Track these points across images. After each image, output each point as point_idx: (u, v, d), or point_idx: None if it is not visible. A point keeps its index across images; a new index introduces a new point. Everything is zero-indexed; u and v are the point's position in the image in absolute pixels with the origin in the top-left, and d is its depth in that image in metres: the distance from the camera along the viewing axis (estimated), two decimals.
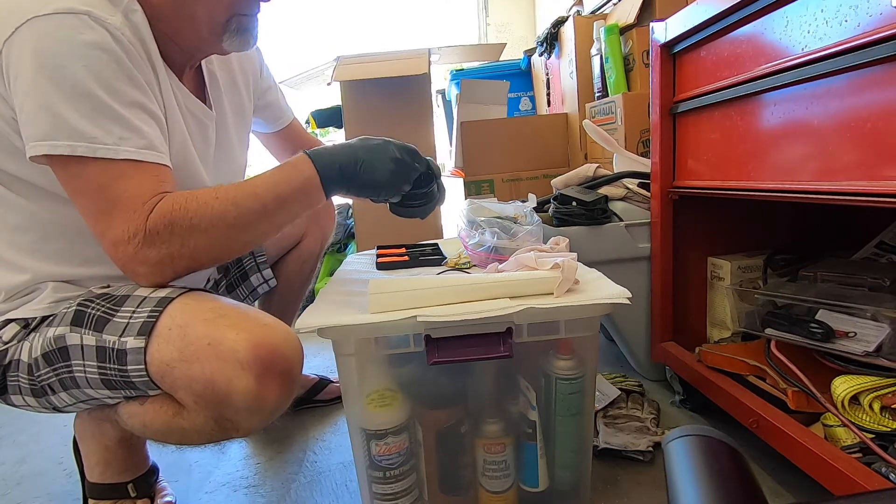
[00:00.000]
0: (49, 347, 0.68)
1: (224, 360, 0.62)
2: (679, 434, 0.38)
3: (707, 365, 0.95)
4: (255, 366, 0.62)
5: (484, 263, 0.89)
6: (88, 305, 0.68)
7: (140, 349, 0.64)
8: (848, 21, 0.61)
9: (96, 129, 0.62)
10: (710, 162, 0.91)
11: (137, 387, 0.66)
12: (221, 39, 0.75)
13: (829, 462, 0.66)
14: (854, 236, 1.07)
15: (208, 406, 0.64)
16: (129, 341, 0.64)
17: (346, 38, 3.48)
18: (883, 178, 0.58)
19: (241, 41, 0.76)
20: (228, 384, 0.62)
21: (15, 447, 1.15)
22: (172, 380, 0.64)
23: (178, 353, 0.63)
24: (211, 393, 0.63)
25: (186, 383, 0.63)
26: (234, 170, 0.94)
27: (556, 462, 0.77)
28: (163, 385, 0.65)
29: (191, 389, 0.63)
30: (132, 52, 0.66)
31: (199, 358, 0.62)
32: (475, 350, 0.67)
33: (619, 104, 1.41)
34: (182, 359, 0.63)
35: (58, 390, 0.70)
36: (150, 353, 0.64)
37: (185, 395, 0.64)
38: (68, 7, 0.61)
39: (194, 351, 0.62)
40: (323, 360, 1.48)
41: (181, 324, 0.64)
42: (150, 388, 0.66)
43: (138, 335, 0.64)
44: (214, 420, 0.66)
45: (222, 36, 0.74)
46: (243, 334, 0.63)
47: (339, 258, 2.01)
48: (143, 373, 0.64)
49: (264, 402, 0.63)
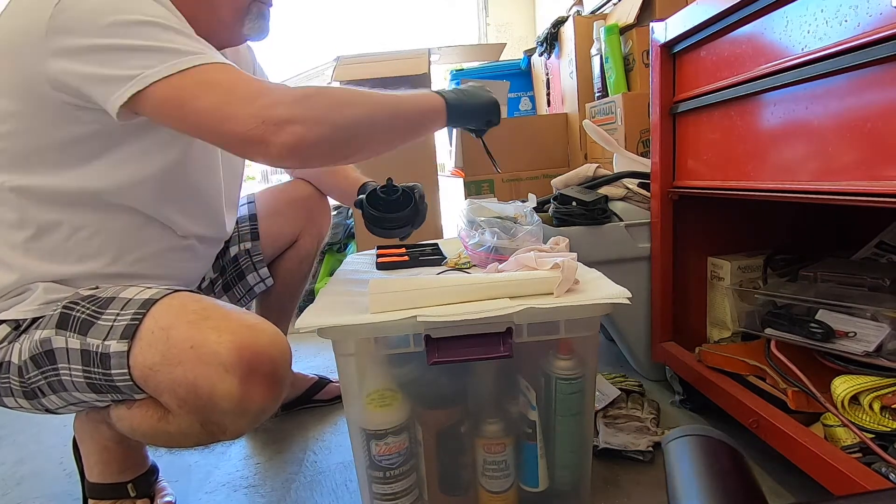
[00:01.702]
0: (36, 350, 0.67)
1: (207, 364, 0.61)
2: (679, 434, 0.38)
3: (707, 365, 0.95)
4: (239, 368, 0.61)
5: (484, 263, 0.89)
6: (74, 308, 0.67)
7: (123, 353, 0.63)
8: (848, 21, 0.61)
9: (188, 46, 0.63)
10: (710, 162, 0.91)
11: (122, 391, 0.66)
12: (243, 24, 0.77)
13: (829, 462, 0.66)
14: (854, 236, 1.07)
15: (192, 410, 0.63)
16: (112, 345, 0.63)
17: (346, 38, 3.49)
18: (883, 178, 0.58)
19: (260, 27, 0.79)
20: (212, 388, 0.61)
21: (15, 447, 1.15)
22: (156, 384, 0.63)
23: (161, 357, 0.62)
24: (194, 397, 0.62)
25: (170, 387, 0.63)
26: (234, 164, 0.94)
27: (556, 462, 0.77)
28: (146, 389, 0.65)
29: (174, 393, 0.63)
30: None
31: (181, 361, 0.61)
32: (475, 350, 0.67)
33: (619, 104, 1.41)
34: (165, 362, 0.62)
35: (48, 393, 0.70)
36: (133, 357, 0.63)
37: (169, 399, 0.64)
38: None
39: (177, 354, 0.62)
40: (323, 360, 1.48)
41: (164, 326, 0.63)
42: (135, 391, 0.66)
43: (121, 339, 0.63)
44: (200, 423, 0.65)
45: (244, 20, 0.77)
46: (226, 336, 0.62)
47: (339, 258, 2.01)
48: (127, 377, 0.64)
49: (249, 404, 0.62)
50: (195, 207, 0.83)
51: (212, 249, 0.93)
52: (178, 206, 0.80)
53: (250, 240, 1.05)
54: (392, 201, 0.89)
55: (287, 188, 1.14)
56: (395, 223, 0.89)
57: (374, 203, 0.90)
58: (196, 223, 0.84)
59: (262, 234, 1.06)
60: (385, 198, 0.90)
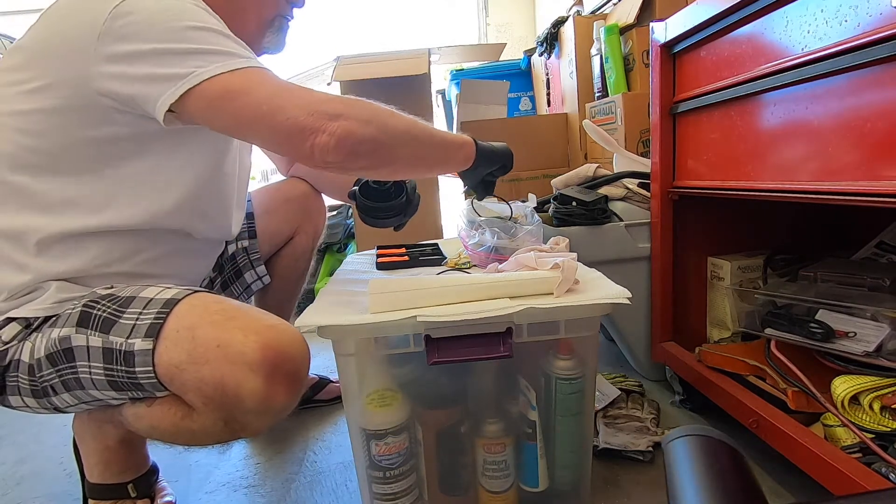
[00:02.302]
0: (54, 348, 0.67)
1: (233, 363, 0.62)
2: (679, 434, 0.38)
3: (707, 365, 0.95)
4: (264, 368, 0.62)
5: (484, 263, 0.89)
6: (94, 306, 0.68)
7: (148, 351, 0.64)
8: (848, 21, 0.61)
9: (247, 52, 0.68)
10: (710, 162, 0.91)
11: (145, 388, 0.67)
12: (264, 35, 0.81)
13: (829, 462, 0.66)
14: (854, 236, 1.07)
15: (218, 408, 0.64)
16: (136, 343, 0.64)
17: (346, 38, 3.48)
18: (883, 178, 0.58)
19: (278, 40, 0.84)
20: (238, 386, 0.62)
21: (15, 447, 1.15)
22: (181, 382, 0.64)
23: (187, 356, 0.63)
24: (221, 395, 0.63)
25: (196, 385, 0.63)
26: (245, 167, 0.95)
27: (556, 462, 0.77)
28: (171, 387, 0.66)
29: (200, 392, 0.64)
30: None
31: (208, 360, 0.63)
32: (475, 350, 0.67)
33: (619, 104, 1.41)
34: (191, 361, 0.63)
35: (60, 391, 0.70)
36: (158, 355, 0.64)
37: (195, 398, 0.65)
38: None
39: (203, 353, 0.63)
40: (323, 360, 1.48)
41: (188, 325, 0.65)
42: (158, 389, 0.67)
43: (146, 337, 0.64)
44: (224, 421, 0.66)
45: (265, 32, 0.81)
46: (252, 336, 0.63)
47: (339, 258, 2.01)
48: (152, 375, 0.65)
49: (273, 403, 0.64)
50: (217, 214, 0.86)
51: (217, 249, 0.95)
52: (202, 213, 0.82)
53: (248, 238, 1.06)
54: (384, 192, 0.91)
55: (283, 186, 1.15)
56: (388, 213, 0.91)
57: (367, 194, 0.91)
58: (213, 228, 0.86)
59: (258, 231, 1.07)
60: (377, 188, 0.92)
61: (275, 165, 1.25)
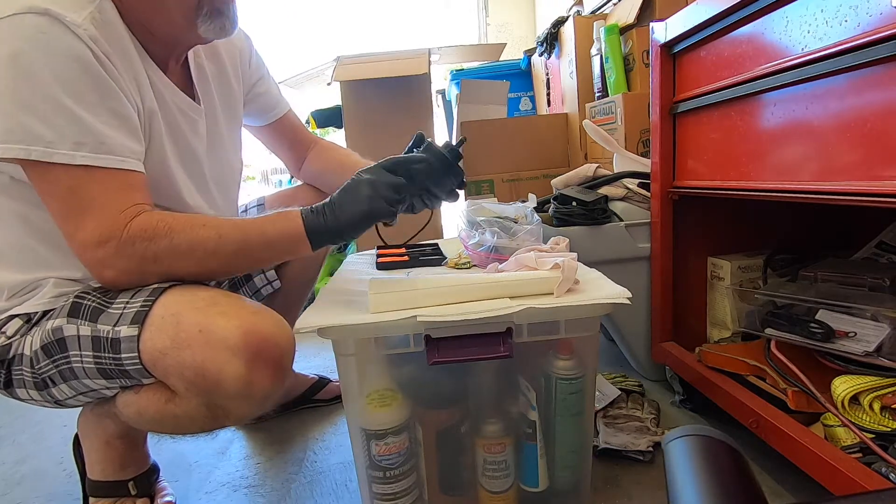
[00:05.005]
0: (48, 339, 0.69)
1: (214, 347, 0.63)
2: (679, 434, 0.38)
3: (707, 365, 0.95)
4: (246, 352, 0.63)
5: (484, 263, 0.89)
6: (84, 297, 0.69)
7: (133, 337, 0.65)
8: (848, 21, 0.61)
9: (52, 133, 0.62)
10: (710, 162, 0.91)
11: (131, 375, 0.67)
12: (196, 25, 0.72)
13: (829, 462, 0.66)
14: (854, 236, 1.07)
15: (199, 392, 0.65)
16: (122, 330, 0.65)
17: (346, 38, 3.49)
18: (883, 178, 0.58)
19: (217, 26, 0.73)
20: (219, 370, 0.63)
21: (15, 447, 1.15)
22: (164, 367, 0.65)
23: (171, 341, 0.64)
24: (202, 379, 0.63)
25: (178, 370, 0.64)
26: (228, 167, 0.94)
27: (556, 462, 0.77)
28: (155, 372, 0.66)
29: (182, 376, 0.64)
30: (97, 52, 0.65)
31: (190, 345, 0.63)
32: (475, 350, 0.67)
33: (619, 104, 1.41)
34: (174, 346, 0.64)
35: (58, 382, 0.71)
36: (143, 341, 0.65)
37: (177, 382, 0.65)
38: (30, 6, 0.61)
39: (185, 338, 0.63)
40: (323, 360, 1.48)
41: (173, 312, 0.65)
42: (144, 375, 0.67)
43: (132, 324, 0.65)
44: (206, 406, 0.67)
45: (196, 21, 0.72)
46: (234, 321, 0.64)
47: (339, 258, 2.00)
48: (137, 360, 0.65)
49: (255, 388, 0.64)
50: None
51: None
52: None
53: None
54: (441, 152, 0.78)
55: (295, 192, 1.14)
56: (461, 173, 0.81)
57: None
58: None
59: None
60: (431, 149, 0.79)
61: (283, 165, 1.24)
